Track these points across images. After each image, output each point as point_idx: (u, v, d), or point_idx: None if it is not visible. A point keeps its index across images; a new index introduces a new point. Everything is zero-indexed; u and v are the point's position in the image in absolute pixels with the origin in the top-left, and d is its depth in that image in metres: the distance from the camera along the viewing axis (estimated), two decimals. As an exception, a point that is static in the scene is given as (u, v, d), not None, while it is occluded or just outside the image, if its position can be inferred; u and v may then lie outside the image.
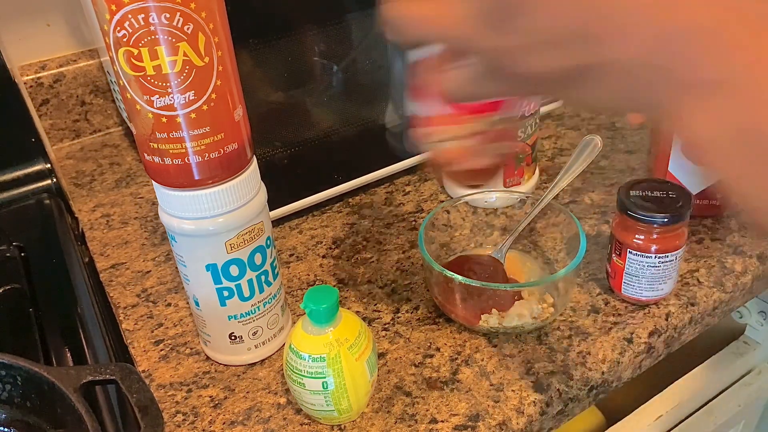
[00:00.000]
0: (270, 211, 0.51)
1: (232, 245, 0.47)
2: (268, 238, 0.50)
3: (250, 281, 0.49)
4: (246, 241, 0.48)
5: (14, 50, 0.80)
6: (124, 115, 0.86)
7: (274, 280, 0.52)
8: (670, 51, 0.23)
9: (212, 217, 0.46)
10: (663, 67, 0.23)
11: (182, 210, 0.46)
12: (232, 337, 0.52)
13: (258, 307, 0.51)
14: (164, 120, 0.41)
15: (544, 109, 0.81)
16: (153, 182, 0.46)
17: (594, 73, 0.25)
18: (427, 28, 0.28)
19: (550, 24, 0.24)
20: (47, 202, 0.73)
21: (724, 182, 0.23)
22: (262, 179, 0.49)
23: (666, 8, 0.23)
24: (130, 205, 0.76)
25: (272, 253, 0.51)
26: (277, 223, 0.67)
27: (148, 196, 0.77)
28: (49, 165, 0.75)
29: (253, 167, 0.47)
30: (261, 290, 0.50)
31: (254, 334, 0.52)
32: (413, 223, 0.69)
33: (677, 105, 0.23)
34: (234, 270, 0.48)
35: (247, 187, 0.47)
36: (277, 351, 0.54)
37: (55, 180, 0.75)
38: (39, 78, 0.84)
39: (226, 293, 0.49)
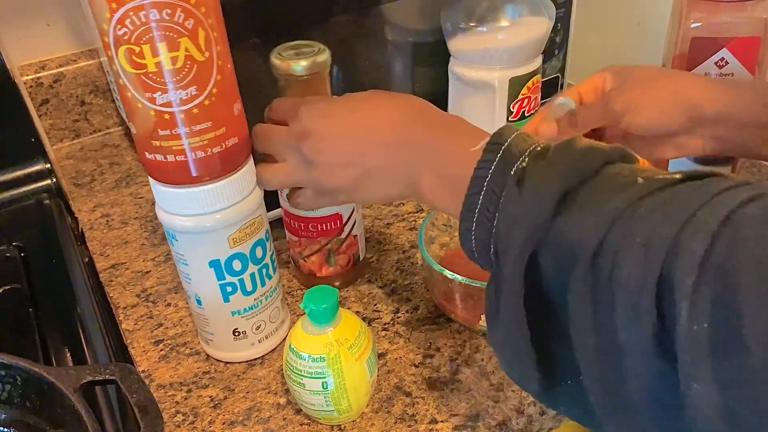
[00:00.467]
0: (268, 211, 0.52)
1: (235, 240, 0.47)
2: (267, 231, 0.50)
3: (252, 275, 0.49)
4: (248, 235, 0.48)
5: (14, 50, 0.80)
6: (124, 114, 0.86)
7: (274, 273, 0.52)
8: (401, 158, 0.41)
9: (214, 212, 0.46)
10: (402, 165, 0.41)
11: (184, 207, 0.46)
12: (236, 333, 0.52)
13: (260, 301, 0.51)
14: (166, 117, 0.41)
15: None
16: (151, 181, 0.46)
17: (369, 177, 0.42)
18: (276, 179, 0.47)
19: (333, 158, 0.43)
20: (47, 202, 0.73)
21: (443, 210, 0.41)
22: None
23: (393, 132, 0.42)
24: (130, 205, 0.76)
25: (271, 246, 0.51)
26: (275, 223, 0.67)
27: (148, 196, 0.77)
28: (48, 165, 0.75)
29: (251, 159, 0.48)
30: (263, 284, 0.51)
31: (257, 328, 0.52)
32: (413, 223, 0.69)
33: (417, 182, 0.40)
34: (237, 265, 0.48)
35: (248, 180, 0.47)
36: (279, 345, 0.55)
37: (54, 180, 0.75)
38: (39, 78, 0.84)
39: (229, 288, 0.49)
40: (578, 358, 0.31)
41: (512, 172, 0.34)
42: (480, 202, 0.34)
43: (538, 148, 0.34)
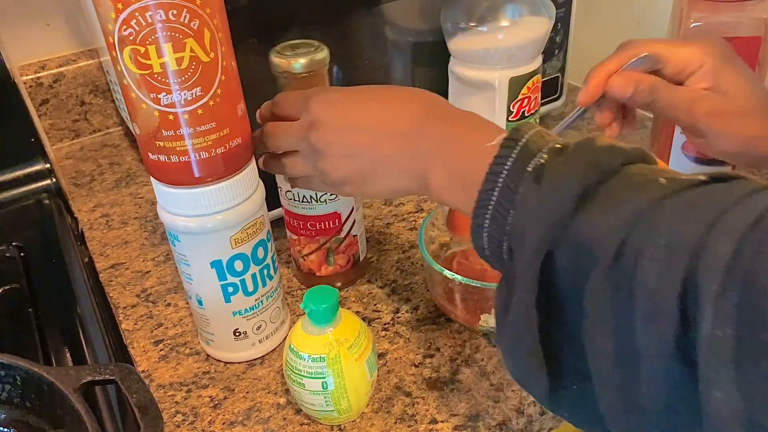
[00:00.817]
0: (269, 211, 0.52)
1: (237, 240, 0.47)
2: (268, 231, 0.50)
3: (253, 275, 0.50)
4: (249, 236, 0.48)
5: (14, 50, 0.80)
6: (124, 114, 0.86)
7: (275, 273, 0.52)
8: (410, 150, 0.40)
9: (217, 212, 0.46)
10: (411, 158, 0.40)
11: (186, 208, 0.46)
12: (237, 333, 0.52)
13: (261, 302, 0.51)
14: (171, 117, 0.41)
15: (543, 109, 0.81)
16: (153, 181, 0.46)
17: (376, 169, 0.42)
18: (287, 170, 0.47)
19: (340, 149, 0.42)
20: (47, 202, 0.73)
21: (451, 205, 0.40)
22: (260, 178, 0.50)
23: (403, 122, 0.41)
24: (129, 205, 0.75)
25: (272, 246, 0.51)
26: (275, 223, 0.67)
27: (148, 196, 0.77)
28: (48, 165, 0.75)
29: (254, 160, 0.48)
30: (264, 284, 0.51)
31: (258, 328, 0.52)
32: (413, 223, 0.69)
33: (426, 176, 0.39)
34: (239, 265, 0.48)
35: (250, 180, 0.47)
36: (279, 344, 0.55)
37: (54, 180, 0.75)
38: (38, 78, 0.84)
39: (230, 289, 0.49)
40: (590, 362, 0.30)
41: (530, 169, 0.33)
42: (495, 198, 0.34)
43: (557, 145, 0.34)
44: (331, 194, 0.54)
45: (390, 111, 0.42)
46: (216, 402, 0.51)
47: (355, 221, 0.58)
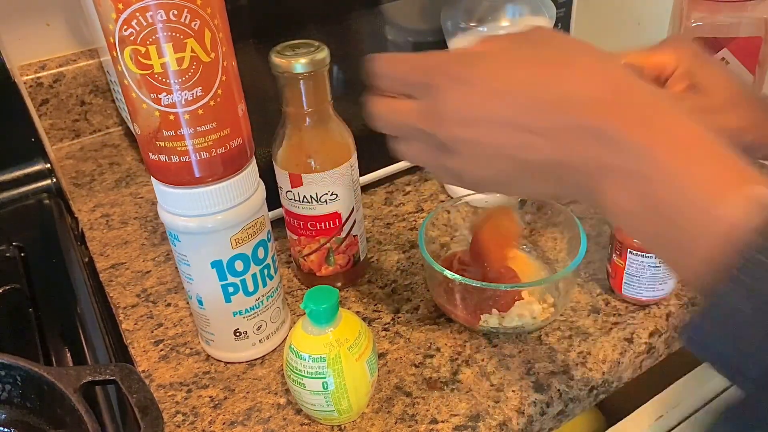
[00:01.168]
0: (269, 211, 0.52)
1: (237, 240, 0.47)
2: (269, 231, 0.50)
3: (254, 275, 0.50)
4: (250, 236, 0.48)
5: (14, 50, 0.80)
6: (124, 114, 0.86)
7: (275, 273, 0.52)
8: (576, 154, 0.30)
9: (217, 213, 0.46)
10: (575, 164, 0.31)
11: (186, 208, 0.46)
12: (237, 334, 0.52)
13: (261, 302, 0.51)
14: (171, 117, 0.41)
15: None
16: (154, 181, 0.46)
17: (525, 172, 0.32)
18: (406, 160, 0.38)
19: (479, 149, 0.33)
20: (47, 202, 0.73)
21: (636, 238, 0.29)
22: (260, 178, 0.50)
23: (569, 113, 0.30)
24: (129, 205, 0.75)
25: (272, 246, 0.51)
26: (276, 223, 0.67)
27: (148, 196, 0.77)
28: (48, 165, 0.75)
29: (254, 160, 0.48)
30: (264, 284, 0.51)
31: (258, 329, 0.52)
32: (413, 223, 0.69)
33: (599, 193, 0.30)
34: (239, 265, 0.48)
35: (250, 181, 0.47)
36: (279, 344, 0.55)
37: (54, 180, 0.75)
38: (39, 78, 0.84)
39: (231, 289, 0.49)
40: None
41: None
42: (740, 309, 0.26)
43: None
44: (332, 195, 0.54)
45: (548, 98, 0.31)
46: (216, 402, 0.51)
47: (355, 221, 0.58)
